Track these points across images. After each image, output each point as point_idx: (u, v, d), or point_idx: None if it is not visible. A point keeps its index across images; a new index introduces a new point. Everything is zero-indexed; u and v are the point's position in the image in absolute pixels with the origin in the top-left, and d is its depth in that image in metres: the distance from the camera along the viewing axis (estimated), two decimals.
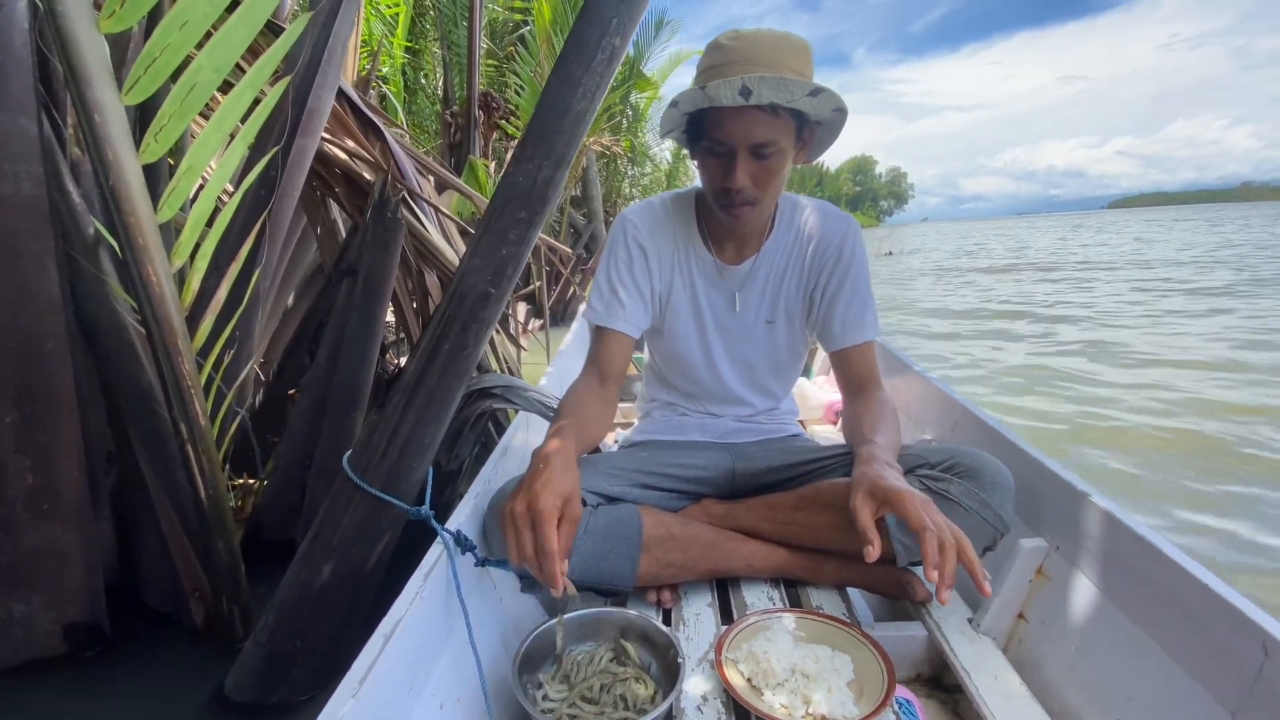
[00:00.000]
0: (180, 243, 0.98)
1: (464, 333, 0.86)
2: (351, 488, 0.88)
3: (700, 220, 1.02)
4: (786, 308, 1.02)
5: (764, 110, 0.81)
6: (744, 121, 0.82)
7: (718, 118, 0.83)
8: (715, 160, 0.87)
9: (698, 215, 1.02)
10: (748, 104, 0.80)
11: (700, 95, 0.81)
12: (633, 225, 1.01)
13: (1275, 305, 6.20)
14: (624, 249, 1.00)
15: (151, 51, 0.91)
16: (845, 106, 0.85)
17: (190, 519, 1.12)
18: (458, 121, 5.22)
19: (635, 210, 1.03)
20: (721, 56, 0.83)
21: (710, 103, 0.81)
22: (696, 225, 1.02)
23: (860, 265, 1.00)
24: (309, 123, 1.27)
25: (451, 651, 0.69)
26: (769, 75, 0.77)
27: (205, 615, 1.22)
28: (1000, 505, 0.81)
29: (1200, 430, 2.93)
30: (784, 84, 0.78)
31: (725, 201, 0.88)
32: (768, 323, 1.02)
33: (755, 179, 0.85)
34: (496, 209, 0.86)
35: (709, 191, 0.91)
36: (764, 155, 0.84)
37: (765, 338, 1.03)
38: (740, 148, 0.83)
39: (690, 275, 1.01)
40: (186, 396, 0.97)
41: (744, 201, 0.87)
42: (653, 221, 1.01)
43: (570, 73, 0.83)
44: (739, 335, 1.03)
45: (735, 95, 0.79)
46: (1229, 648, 0.59)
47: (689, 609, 0.90)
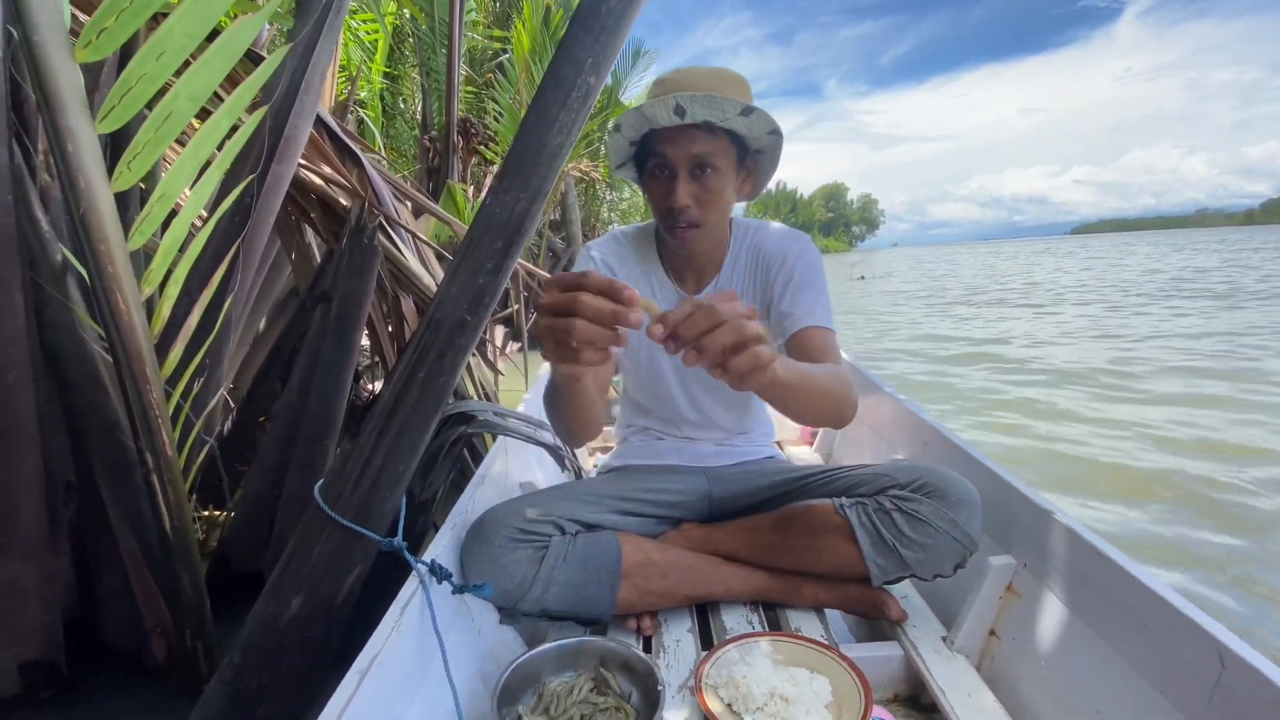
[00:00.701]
0: (151, 270, 0.97)
1: (440, 360, 0.86)
2: (323, 518, 0.87)
3: (660, 252, 1.06)
4: None
5: (699, 128, 0.87)
6: (681, 139, 0.88)
7: (658, 138, 0.89)
8: (659, 182, 0.92)
9: (658, 247, 1.06)
10: (684, 122, 0.86)
11: (639, 116, 0.88)
12: (600, 253, 1.05)
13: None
14: (592, 268, 1.02)
15: (127, 80, 0.91)
16: (779, 129, 0.90)
17: (154, 552, 1.09)
18: (436, 146, 5.26)
19: (598, 243, 1.07)
20: (661, 88, 0.90)
21: (649, 123, 0.88)
22: (658, 256, 1.05)
23: (808, 263, 1.00)
24: (285, 150, 1.27)
25: (429, 687, 0.68)
26: (700, 94, 0.83)
27: (167, 652, 1.18)
28: (968, 523, 0.84)
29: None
30: (715, 101, 0.83)
31: (670, 222, 0.92)
32: None
33: (697, 199, 0.90)
34: (474, 239, 0.87)
35: (657, 215, 0.96)
36: (704, 173, 0.89)
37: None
38: (680, 166, 0.89)
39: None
40: (154, 426, 0.95)
41: (688, 222, 0.91)
42: (619, 251, 1.06)
43: (547, 109, 0.85)
44: None
45: (670, 114, 0.85)
46: (1188, 660, 0.61)
47: (669, 635, 0.90)
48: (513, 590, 0.82)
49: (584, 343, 0.50)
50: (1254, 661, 0.53)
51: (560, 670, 0.76)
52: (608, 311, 0.50)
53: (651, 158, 0.92)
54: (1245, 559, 1.94)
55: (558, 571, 0.83)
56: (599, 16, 0.82)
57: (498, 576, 0.81)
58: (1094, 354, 5.41)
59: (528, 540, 0.83)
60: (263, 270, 2.16)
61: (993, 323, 7.91)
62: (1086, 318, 7.88)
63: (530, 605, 0.83)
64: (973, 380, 4.73)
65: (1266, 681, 0.51)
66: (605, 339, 0.51)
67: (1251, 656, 0.53)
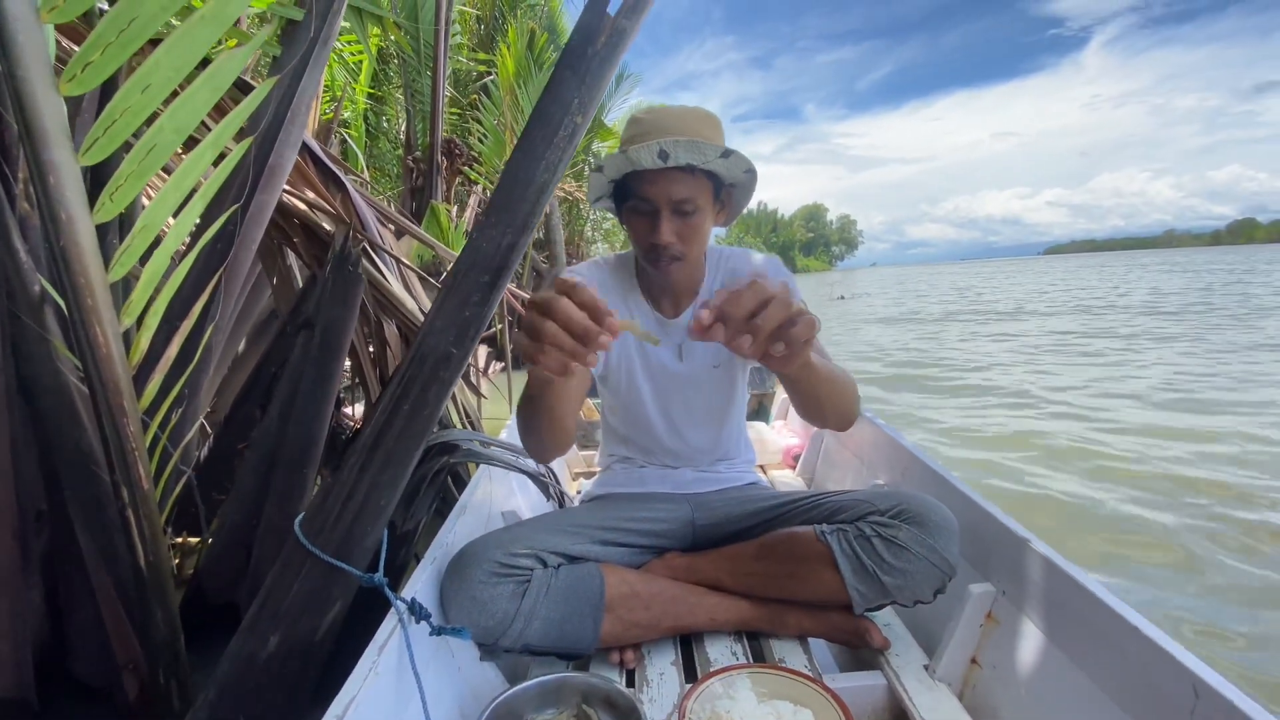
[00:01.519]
0: (131, 302, 0.96)
1: (424, 393, 0.86)
2: (302, 553, 0.86)
3: (639, 279, 1.08)
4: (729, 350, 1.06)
5: (682, 170, 0.90)
6: (665, 182, 0.91)
7: (640, 179, 0.92)
8: (641, 219, 0.95)
9: (637, 275, 1.08)
10: (667, 166, 0.89)
11: (623, 160, 0.90)
12: (592, 273, 1.08)
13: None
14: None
15: (111, 113, 0.91)
16: (754, 168, 0.94)
17: (127, 587, 1.06)
18: (420, 167, 5.27)
19: (579, 268, 1.10)
20: (639, 128, 0.93)
21: (633, 166, 0.90)
22: (637, 283, 1.08)
23: (783, 284, 1.01)
24: (270, 179, 1.27)
25: None
26: (683, 139, 0.86)
27: (140, 689, 1.14)
28: (946, 549, 0.85)
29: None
30: (697, 146, 0.87)
31: (653, 257, 0.95)
32: (714, 367, 1.06)
33: (680, 234, 0.93)
34: (460, 272, 0.87)
35: (638, 248, 0.98)
36: (685, 212, 0.93)
37: (713, 382, 1.07)
38: (663, 206, 0.92)
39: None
40: (130, 459, 0.94)
41: (672, 257, 0.94)
42: (599, 277, 1.08)
43: (534, 147, 0.87)
44: (688, 383, 1.07)
45: (654, 158, 0.88)
46: (1163, 690, 0.62)
47: (652, 669, 0.90)
48: (494, 626, 0.81)
49: (549, 345, 0.53)
50: (1227, 693, 0.54)
51: (542, 707, 0.76)
52: (578, 325, 0.52)
53: (633, 197, 0.95)
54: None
55: (540, 606, 0.83)
56: (585, 59, 0.84)
57: (478, 613, 0.81)
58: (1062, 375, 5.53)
59: (509, 575, 0.83)
60: (242, 294, 2.15)
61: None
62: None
63: (511, 641, 0.82)
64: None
65: (1239, 713, 0.53)
66: (570, 349, 0.52)
67: (1224, 688, 0.55)
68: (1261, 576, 1.93)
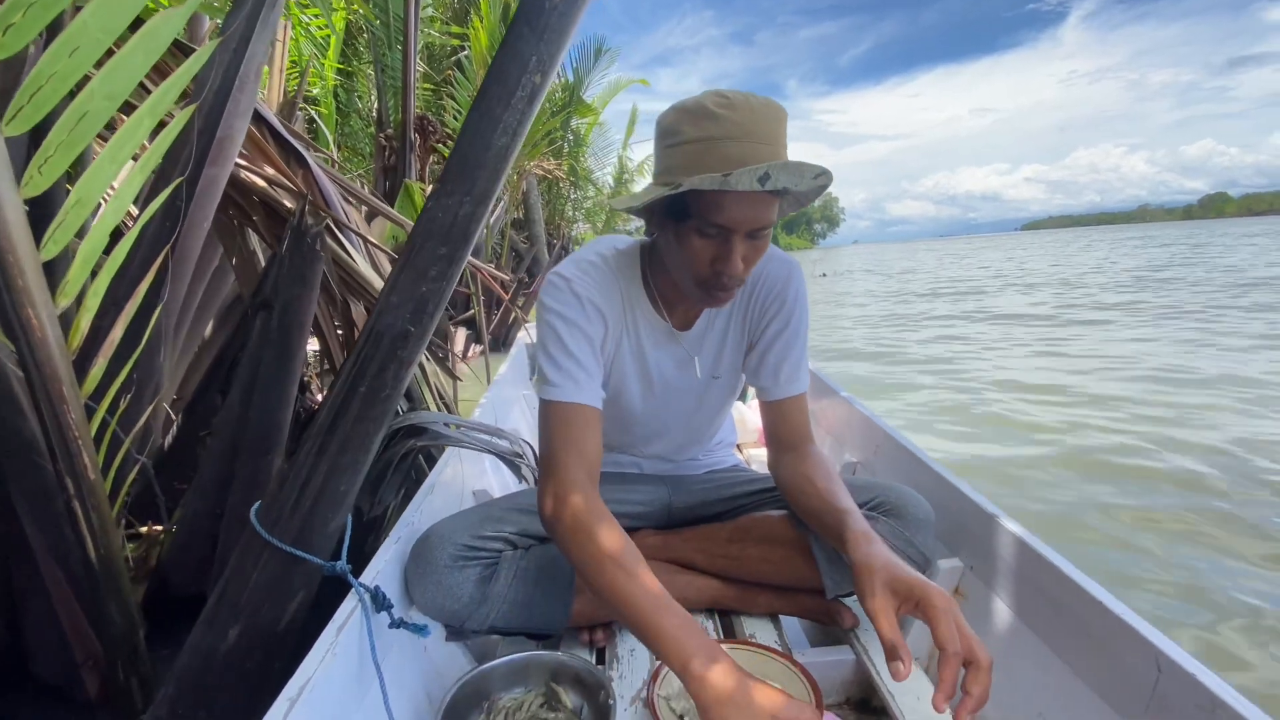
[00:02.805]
0: (67, 281, 0.91)
1: (381, 374, 0.82)
2: (261, 543, 0.83)
3: (647, 279, 0.93)
4: (730, 358, 0.98)
5: (772, 194, 0.76)
6: (754, 207, 0.75)
7: (724, 202, 0.74)
8: (707, 242, 0.78)
9: (644, 274, 0.93)
10: (762, 190, 0.73)
11: (718, 181, 0.71)
12: (579, 283, 0.88)
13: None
14: (574, 308, 0.86)
15: (37, 79, 0.85)
16: (830, 183, 0.80)
17: (79, 581, 1.02)
18: (392, 145, 5.13)
19: (573, 268, 0.91)
20: (719, 129, 0.73)
21: (726, 187, 0.72)
22: (643, 284, 0.93)
23: (802, 315, 0.95)
24: (220, 151, 1.21)
25: (367, 714, 0.65)
26: (790, 163, 0.71)
27: (100, 686, 1.11)
28: (923, 542, 0.85)
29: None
30: (799, 170, 0.72)
31: (714, 285, 0.80)
32: (715, 378, 0.99)
33: (747, 260, 0.79)
34: (416, 245, 0.83)
35: (692, 271, 0.81)
36: (759, 237, 0.78)
37: (711, 391, 1.01)
38: (740, 230, 0.76)
39: (638, 337, 0.94)
40: (73, 448, 0.90)
41: (737, 285, 0.80)
42: (599, 278, 0.90)
43: (491, 109, 0.82)
44: (684, 393, 1.00)
45: (753, 182, 0.71)
46: (1127, 664, 0.62)
47: (623, 645, 0.89)
48: (459, 610, 0.79)
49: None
50: (1188, 666, 0.54)
51: (509, 686, 0.74)
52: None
53: (700, 218, 0.77)
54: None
55: (508, 589, 0.81)
56: (543, 13, 0.80)
57: (443, 597, 0.78)
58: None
59: (475, 558, 0.81)
60: (204, 275, 2.07)
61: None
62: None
63: (478, 624, 0.80)
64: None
65: (1200, 686, 0.53)
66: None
67: (1186, 661, 0.55)
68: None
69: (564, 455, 0.77)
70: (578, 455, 0.77)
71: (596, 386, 0.84)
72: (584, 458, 0.78)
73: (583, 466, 0.77)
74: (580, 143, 10.57)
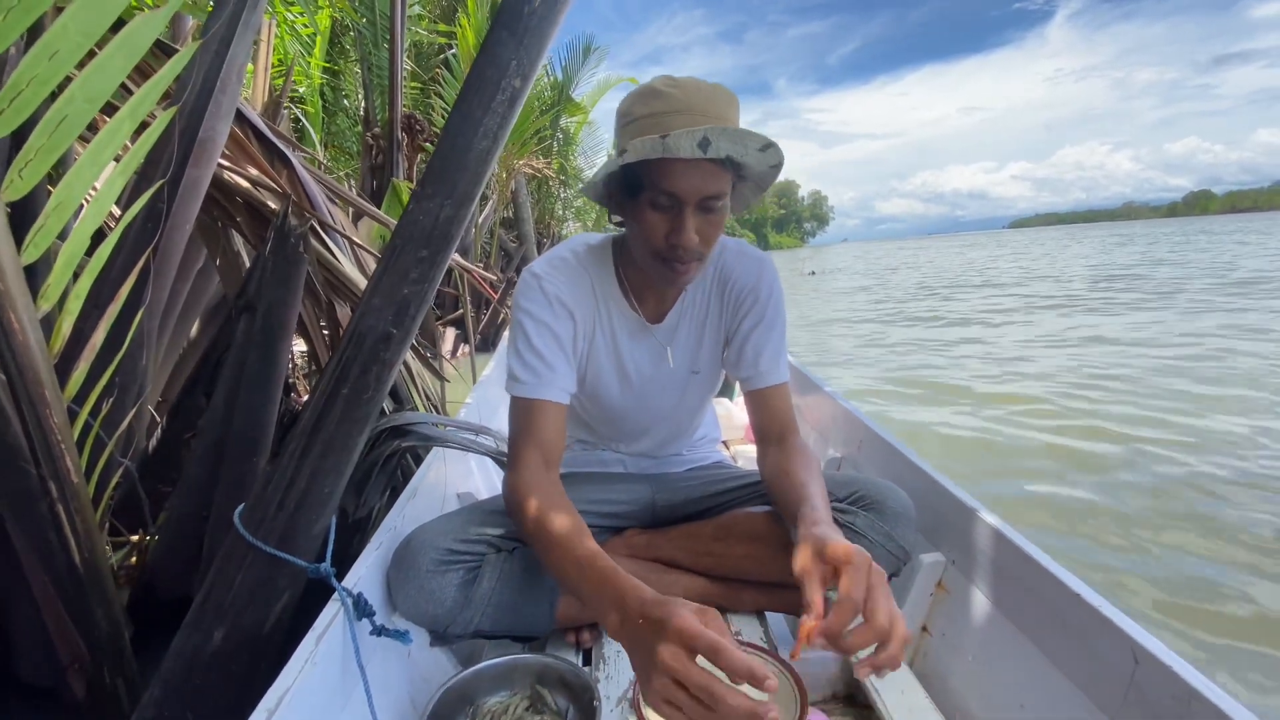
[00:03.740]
0: (48, 285, 0.91)
1: (364, 376, 0.83)
2: (245, 545, 0.83)
3: (619, 271, 0.95)
4: (709, 354, 0.99)
5: (717, 163, 0.78)
6: (699, 175, 0.77)
7: (669, 170, 0.78)
8: (660, 215, 0.81)
9: (616, 267, 0.95)
10: (704, 156, 0.76)
11: (657, 145, 0.74)
12: (549, 280, 0.91)
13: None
14: (542, 306, 0.89)
15: (17, 83, 0.84)
16: (782, 161, 0.83)
17: (65, 585, 1.02)
18: (379, 144, 5.10)
19: (545, 265, 0.93)
20: (664, 104, 0.78)
21: (666, 153, 0.75)
22: (615, 278, 0.95)
23: (778, 305, 0.97)
24: (202, 153, 1.20)
25: (351, 718, 0.65)
26: (729, 128, 0.74)
27: (87, 688, 1.11)
28: (902, 536, 0.86)
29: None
30: (741, 136, 0.75)
31: (670, 258, 0.82)
32: (694, 373, 1.00)
33: (702, 234, 0.81)
34: (397, 247, 0.84)
35: (648, 247, 0.83)
36: (711, 209, 0.81)
37: (689, 385, 1.01)
38: (690, 202, 0.79)
39: (612, 331, 0.95)
40: (56, 452, 0.89)
41: (692, 257, 0.82)
42: (569, 274, 0.92)
43: (470, 112, 0.83)
44: (666, 387, 1.00)
45: (694, 147, 0.74)
46: (1104, 656, 0.63)
47: (609, 646, 0.90)
48: (442, 615, 0.79)
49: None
50: (1165, 658, 0.55)
51: (494, 690, 0.75)
52: (747, 714, 0.47)
53: (652, 189, 0.80)
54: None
55: (492, 593, 0.82)
56: (521, 18, 0.80)
57: (425, 602, 0.79)
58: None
59: (458, 562, 0.81)
60: (188, 276, 2.05)
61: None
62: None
63: (462, 629, 0.81)
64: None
65: (1176, 678, 0.54)
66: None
67: (1163, 653, 0.56)
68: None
69: (523, 447, 0.84)
70: (535, 446, 0.84)
71: (561, 382, 0.88)
72: (542, 448, 0.84)
73: (540, 456, 0.83)
74: (570, 141, 10.55)
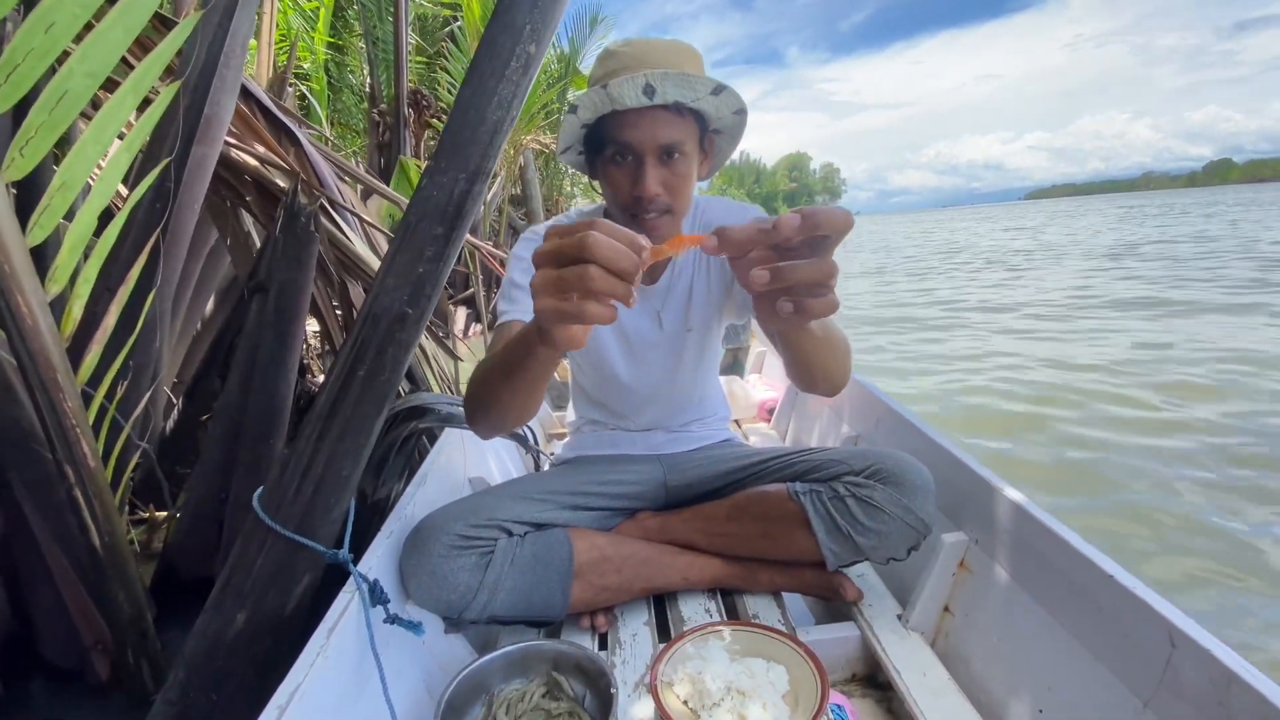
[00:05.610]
0: (57, 267, 0.89)
1: (380, 357, 0.81)
2: (264, 529, 0.82)
3: None
4: (703, 312, 0.99)
5: (669, 110, 0.79)
6: (650, 123, 0.79)
7: (621, 122, 0.80)
8: (621, 170, 0.83)
9: None
10: (652, 103, 0.78)
11: (602, 96, 0.78)
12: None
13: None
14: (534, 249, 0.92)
15: (13, 58, 0.82)
16: (745, 107, 0.84)
17: (85, 568, 1.03)
18: (386, 120, 5.04)
19: (542, 228, 0.93)
20: (616, 62, 0.81)
21: (613, 104, 0.78)
22: None
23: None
24: (207, 130, 1.18)
25: (366, 710, 0.65)
26: (672, 72, 0.75)
27: (111, 669, 1.13)
28: (922, 509, 0.84)
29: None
30: (687, 80, 0.76)
31: (637, 211, 0.83)
32: (687, 330, 1.00)
33: (667, 185, 0.82)
34: (411, 225, 0.81)
35: (618, 205, 0.85)
36: (672, 158, 0.82)
37: (686, 345, 1.02)
38: (648, 152, 0.80)
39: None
40: (71, 436, 0.89)
41: (660, 209, 0.83)
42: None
43: (484, 82, 0.79)
44: (665, 350, 1.01)
45: (639, 94, 0.77)
46: (1138, 639, 0.62)
47: (625, 630, 0.89)
48: (456, 600, 0.79)
49: (598, 294, 0.41)
50: (1204, 642, 0.54)
51: (510, 677, 0.74)
52: (624, 261, 0.41)
53: (610, 145, 0.82)
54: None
55: (504, 577, 0.81)
56: None
57: (438, 588, 0.78)
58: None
59: (470, 547, 0.80)
60: (199, 256, 2.04)
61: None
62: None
63: (476, 614, 0.80)
64: None
65: (1215, 661, 0.52)
66: (620, 291, 0.42)
67: (1202, 637, 0.54)
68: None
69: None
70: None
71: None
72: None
73: None
74: None
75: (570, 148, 0.90)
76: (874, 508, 0.84)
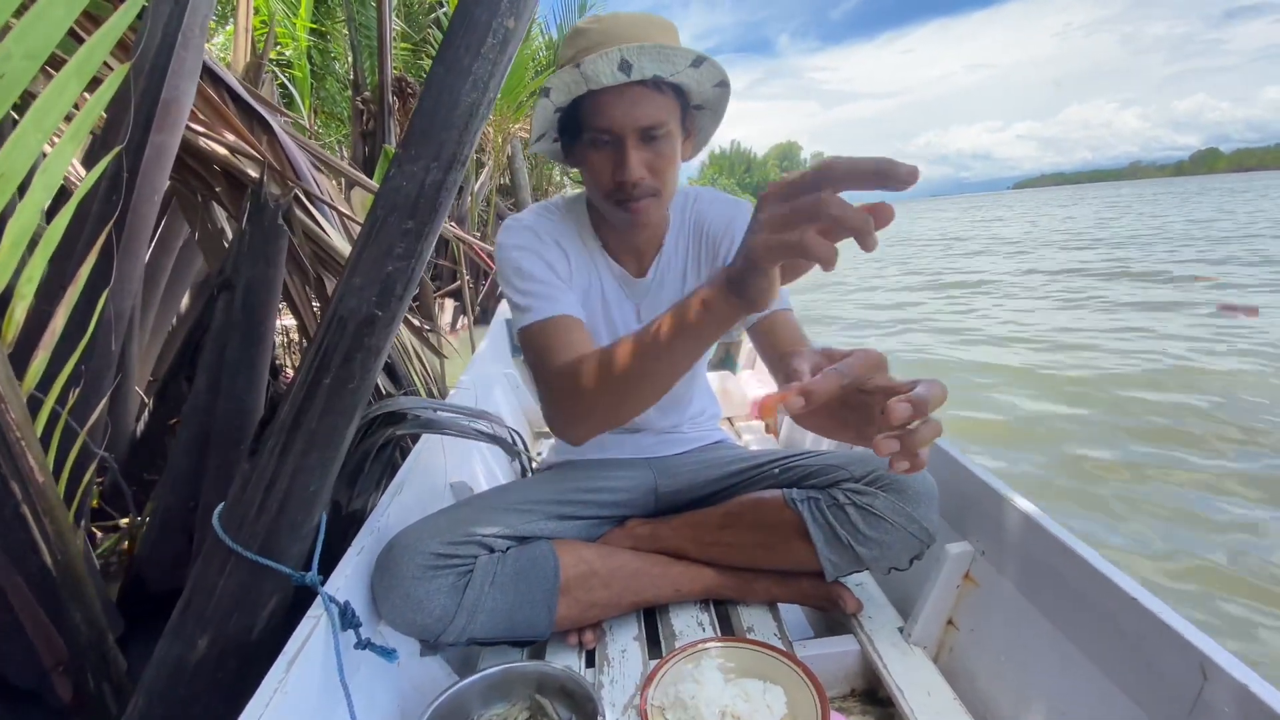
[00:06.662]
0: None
1: (347, 364, 0.75)
2: (225, 549, 0.77)
3: (596, 229, 0.91)
4: None
5: (648, 86, 0.74)
6: (629, 102, 0.74)
7: (597, 103, 0.75)
8: (601, 154, 0.78)
9: (593, 225, 0.92)
10: (629, 80, 0.73)
11: (575, 75, 0.72)
12: (534, 219, 0.89)
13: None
14: (530, 238, 0.86)
15: None
16: (728, 80, 0.79)
17: (40, 587, 0.97)
18: (370, 108, 4.92)
19: (529, 214, 0.91)
20: (587, 40, 0.75)
21: (587, 83, 0.73)
22: (595, 236, 0.92)
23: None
24: (166, 115, 1.10)
25: None
26: (648, 45, 0.70)
27: (73, 691, 1.07)
28: (925, 517, 0.80)
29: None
30: (664, 53, 0.71)
31: (621, 197, 0.78)
32: None
33: (651, 167, 0.77)
34: (378, 220, 0.75)
35: (600, 192, 0.81)
36: (654, 138, 0.76)
37: None
38: (629, 133, 0.75)
39: (600, 285, 0.92)
40: (16, 450, 0.83)
41: (645, 193, 0.78)
42: (556, 218, 0.90)
43: (458, 59, 0.73)
44: None
45: (614, 71, 0.72)
46: (1165, 668, 0.57)
47: (614, 645, 0.85)
48: (431, 624, 0.74)
49: (837, 219, 0.39)
50: (1240, 676, 0.49)
51: (490, 702, 0.70)
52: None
53: (588, 129, 0.77)
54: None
55: (485, 598, 0.76)
56: None
57: (412, 611, 0.73)
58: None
59: (447, 566, 0.75)
60: (171, 251, 1.97)
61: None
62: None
63: (454, 637, 0.75)
64: None
65: (1254, 698, 0.48)
66: (857, 221, 0.39)
67: (1237, 670, 0.50)
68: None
69: (554, 367, 0.75)
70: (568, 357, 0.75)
71: (568, 298, 0.82)
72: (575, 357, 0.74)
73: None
74: None
75: (545, 135, 0.84)
76: (875, 516, 0.80)
